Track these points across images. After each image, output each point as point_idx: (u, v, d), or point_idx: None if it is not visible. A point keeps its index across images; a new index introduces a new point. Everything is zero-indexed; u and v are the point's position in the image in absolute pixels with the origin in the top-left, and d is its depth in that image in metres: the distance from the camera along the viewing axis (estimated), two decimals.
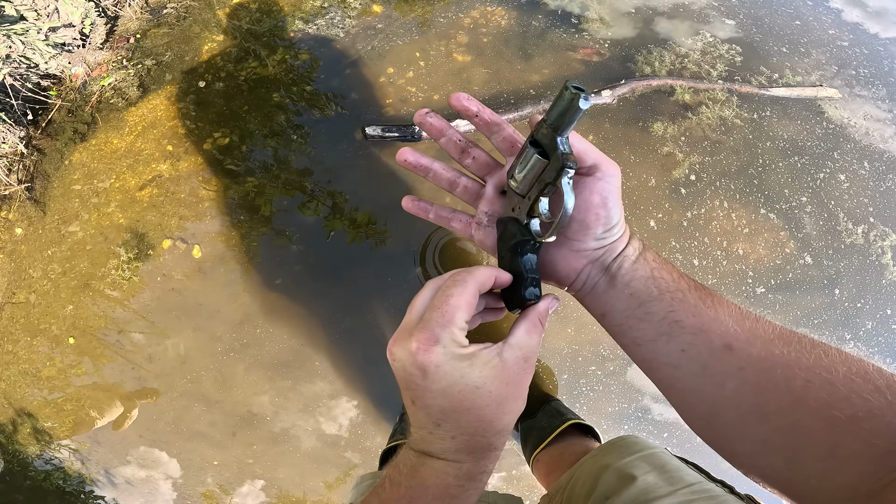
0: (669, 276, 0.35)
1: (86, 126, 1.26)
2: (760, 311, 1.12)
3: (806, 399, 0.28)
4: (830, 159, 1.25)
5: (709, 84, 1.28)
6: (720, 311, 0.33)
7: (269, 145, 1.22)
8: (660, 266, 0.36)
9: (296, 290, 1.12)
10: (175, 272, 1.13)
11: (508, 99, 1.25)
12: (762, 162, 1.24)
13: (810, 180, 1.23)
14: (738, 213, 1.18)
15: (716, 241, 1.16)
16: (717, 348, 0.32)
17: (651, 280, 0.35)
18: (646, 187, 1.19)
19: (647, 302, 0.35)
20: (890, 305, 1.16)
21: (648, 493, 0.51)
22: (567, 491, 0.63)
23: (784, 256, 1.16)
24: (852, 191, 1.23)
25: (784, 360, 0.29)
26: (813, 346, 0.30)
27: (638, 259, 0.37)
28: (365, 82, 1.29)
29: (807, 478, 0.28)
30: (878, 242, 1.18)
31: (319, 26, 1.36)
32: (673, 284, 0.35)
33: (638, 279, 0.36)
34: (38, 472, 1.08)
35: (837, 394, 0.27)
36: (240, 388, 1.08)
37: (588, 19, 1.37)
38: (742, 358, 0.31)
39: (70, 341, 1.10)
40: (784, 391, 0.29)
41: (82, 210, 1.19)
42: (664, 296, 0.35)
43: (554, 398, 1.06)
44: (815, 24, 1.44)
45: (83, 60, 1.30)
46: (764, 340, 0.31)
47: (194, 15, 1.39)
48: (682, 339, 0.33)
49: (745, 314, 0.33)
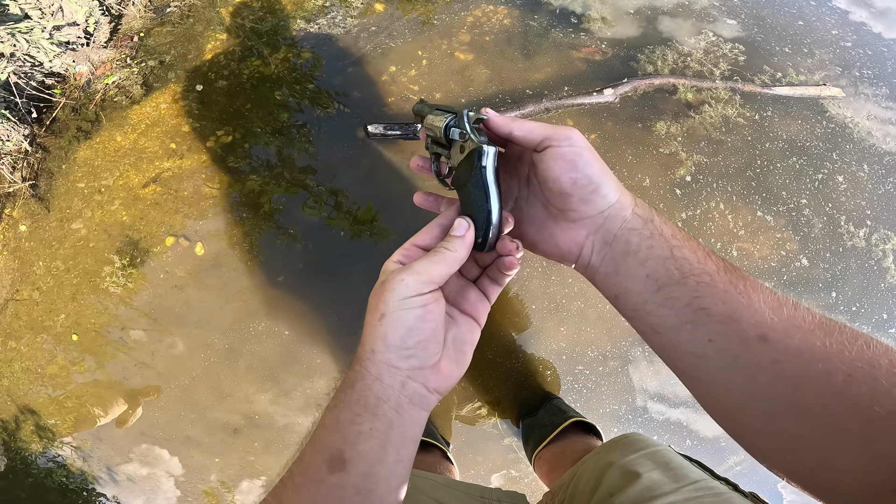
0: (694, 256, 0.32)
1: (90, 124, 1.27)
2: None
3: (847, 394, 0.26)
4: (829, 160, 1.25)
5: (711, 83, 1.28)
6: (754, 298, 0.30)
7: (271, 143, 1.23)
8: (682, 243, 0.33)
9: (298, 287, 1.12)
10: (178, 269, 1.13)
11: (510, 97, 1.25)
12: (762, 162, 1.23)
13: (810, 181, 1.23)
14: (738, 212, 1.18)
15: (721, 240, 1.16)
16: (749, 338, 0.29)
17: (671, 260, 0.32)
18: (640, 186, 1.18)
19: (668, 286, 0.32)
20: (886, 309, 1.14)
21: (653, 490, 0.51)
22: (570, 488, 0.63)
23: (781, 258, 1.16)
24: (850, 192, 1.23)
25: (825, 352, 0.27)
26: (855, 337, 0.28)
27: (652, 234, 0.34)
28: (367, 80, 1.29)
29: (835, 473, 0.27)
30: (880, 245, 1.17)
31: (322, 25, 1.36)
32: (698, 266, 0.32)
33: (655, 258, 0.33)
34: (41, 469, 1.08)
35: (879, 388, 0.25)
36: (241, 385, 1.08)
37: (590, 18, 1.37)
38: (779, 350, 0.28)
39: (73, 338, 1.11)
40: (824, 386, 0.27)
41: (86, 207, 1.19)
42: (688, 279, 0.31)
43: (555, 396, 1.06)
44: (819, 24, 1.44)
45: (87, 59, 1.31)
46: (804, 331, 0.28)
47: (197, 13, 1.39)
48: (710, 329, 0.30)
49: (782, 301, 0.30)
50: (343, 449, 0.33)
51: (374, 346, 0.34)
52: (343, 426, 0.33)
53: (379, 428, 0.33)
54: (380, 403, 0.33)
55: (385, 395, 0.33)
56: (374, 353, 0.34)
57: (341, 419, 0.33)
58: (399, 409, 0.34)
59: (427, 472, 0.68)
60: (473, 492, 0.66)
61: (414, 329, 0.33)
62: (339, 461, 0.32)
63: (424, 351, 0.34)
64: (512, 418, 1.06)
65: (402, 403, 0.34)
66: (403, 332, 0.33)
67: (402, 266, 0.36)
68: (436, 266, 0.35)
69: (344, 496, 0.32)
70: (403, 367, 0.34)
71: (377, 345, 0.34)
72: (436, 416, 1.05)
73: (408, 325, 0.33)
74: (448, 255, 0.36)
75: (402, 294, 0.33)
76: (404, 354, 0.34)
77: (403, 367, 0.34)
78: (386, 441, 0.33)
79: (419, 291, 0.34)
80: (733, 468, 1.02)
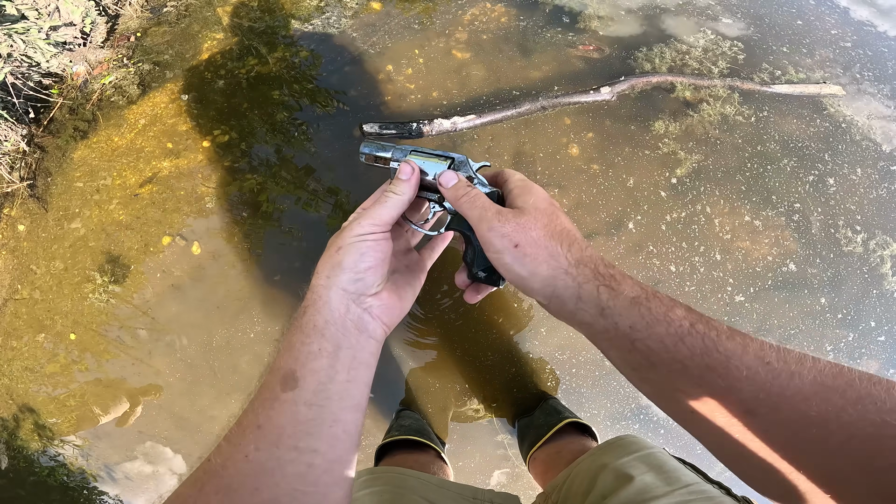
0: (661, 346, 0.31)
1: (87, 124, 1.27)
2: (764, 309, 1.11)
3: (847, 452, 0.25)
4: (822, 161, 1.23)
5: (710, 81, 1.27)
6: (734, 378, 0.29)
7: (268, 142, 1.23)
8: (646, 333, 0.32)
9: (295, 285, 1.12)
10: (174, 268, 1.14)
11: (507, 96, 1.25)
12: (760, 161, 1.22)
13: (804, 182, 1.22)
14: (737, 211, 1.17)
15: (719, 239, 1.15)
16: (734, 413, 0.29)
17: (635, 352, 0.32)
18: (638, 185, 1.18)
19: (639, 370, 0.33)
20: (874, 317, 1.11)
21: (645, 493, 0.51)
22: (564, 490, 0.63)
23: (777, 256, 1.15)
24: (842, 193, 1.22)
25: (819, 419, 0.26)
26: (860, 397, 0.26)
27: (607, 329, 0.33)
28: (364, 79, 1.28)
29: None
30: (877, 251, 1.15)
31: (319, 24, 1.36)
32: (667, 355, 0.31)
33: (617, 348, 0.34)
34: (43, 468, 1.08)
35: (884, 445, 0.25)
36: (243, 383, 1.08)
37: (587, 16, 1.37)
38: (766, 422, 0.28)
39: (72, 337, 1.11)
40: (819, 448, 0.26)
41: (84, 207, 1.20)
42: (658, 368, 0.31)
43: (551, 396, 1.06)
44: (818, 24, 1.43)
45: (84, 59, 1.31)
46: (796, 401, 0.27)
47: (194, 13, 1.39)
48: (690, 406, 0.31)
49: (775, 372, 0.28)
50: (295, 368, 0.35)
51: (328, 273, 0.38)
52: (295, 347, 0.36)
53: (327, 348, 0.36)
54: (328, 325, 0.37)
55: (332, 318, 0.37)
56: (328, 278, 0.38)
57: (294, 342, 0.37)
58: (345, 332, 0.37)
59: (420, 472, 0.68)
60: (466, 493, 0.66)
61: (365, 255, 0.38)
62: (292, 379, 0.35)
63: (372, 277, 0.39)
64: (508, 418, 1.06)
65: (347, 326, 0.37)
66: (356, 258, 0.38)
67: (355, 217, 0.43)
68: (385, 209, 0.41)
69: (297, 411, 0.34)
70: (350, 289, 0.38)
71: (333, 271, 0.38)
72: (431, 415, 1.05)
73: (361, 252, 0.38)
74: (395, 198, 0.41)
75: (356, 232, 0.39)
76: (353, 278, 0.38)
77: (350, 290, 0.38)
78: (335, 360, 0.36)
79: (371, 231, 0.39)
80: (726, 471, 1.01)
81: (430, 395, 1.06)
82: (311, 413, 0.34)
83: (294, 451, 0.33)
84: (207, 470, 0.33)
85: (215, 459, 0.33)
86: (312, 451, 0.34)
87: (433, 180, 0.44)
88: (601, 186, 1.17)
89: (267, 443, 0.33)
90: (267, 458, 0.33)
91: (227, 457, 0.33)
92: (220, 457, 0.33)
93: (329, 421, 0.35)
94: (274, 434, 0.34)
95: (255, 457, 0.33)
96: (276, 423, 0.34)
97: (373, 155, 0.47)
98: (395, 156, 0.46)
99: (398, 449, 0.88)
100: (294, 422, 0.34)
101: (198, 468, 0.34)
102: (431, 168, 0.44)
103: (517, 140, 1.21)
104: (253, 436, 0.34)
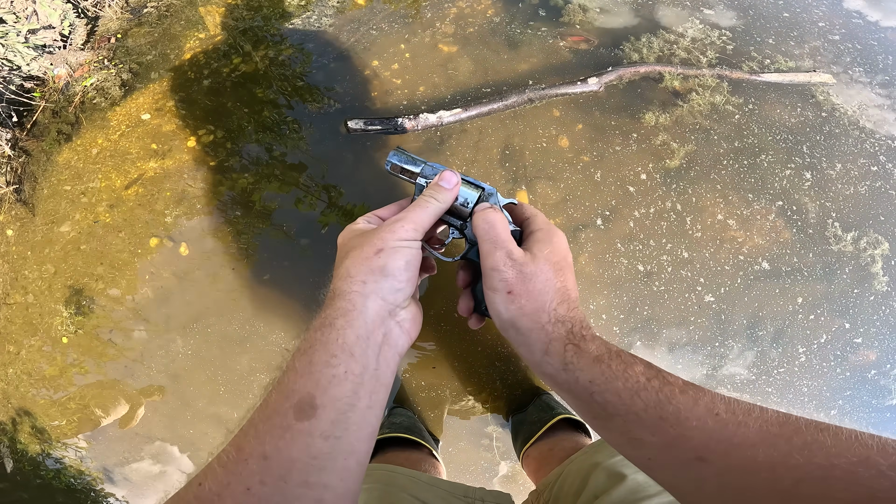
0: (618, 399, 0.33)
1: (70, 127, 1.25)
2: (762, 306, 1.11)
3: (798, 495, 0.27)
4: (799, 154, 1.22)
5: (698, 70, 1.25)
6: (685, 427, 0.31)
7: (253, 141, 1.21)
8: (604, 388, 0.34)
9: (285, 285, 1.11)
10: (163, 270, 1.13)
11: (495, 88, 1.23)
12: (751, 151, 1.22)
13: (787, 174, 1.21)
14: (729, 202, 1.17)
15: (709, 230, 1.15)
16: (688, 460, 0.30)
17: (593, 404, 0.34)
18: (629, 177, 1.17)
19: (601, 418, 0.34)
20: (848, 318, 1.10)
21: (637, 493, 0.51)
22: (556, 488, 0.63)
23: (770, 246, 1.15)
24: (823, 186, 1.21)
25: (769, 463, 0.28)
26: (806, 443, 0.27)
27: (568, 381, 0.35)
28: (349, 75, 1.27)
29: None
30: (868, 250, 1.14)
31: (303, 21, 1.34)
32: (622, 407, 0.33)
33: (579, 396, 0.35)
34: (49, 470, 1.08)
35: (835, 486, 0.26)
36: (242, 380, 1.08)
37: (575, 7, 1.35)
38: (719, 467, 0.29)
39: (63, 340, 1.11)
40: (771, 492, 0.27)
41: (72, 210, 1.19)
42: (615, 419, 0.33)
43: (545, 392, 1.06)
44: (806, 15, 1.41)
45: (65, 61, 1.29)
46: (744, 448, 0.29)
47: (176, 13, 1.37)
48: (648, 452, 0.32)
49: (723, 422, 0.30)
50: (315, 395, 0.32)
51: (365, 278, 0.34)
52: (317, 369, 0.32)
53: (354, 370, 0.33)
54: (358, 342, 0.33)
55: (364, 333, 0.33)
56: (364, 284, 0.34)
57: (315, 361, 0.33)
58: (374, 351, 0.34)
59: (411, 469, 0.68)
60: (457, 491, 0.66)
61: (410, 262, 0.36)
62: (310, 407, 0.31)
63: (410, 288, 0.36)
64: (501, 414, 1.06)
65: (377, 342, 0.34)
66: (402, 264, 0.35)
67: (369, 221, 0.40)
68: (427, 214, 0.39)
69: (311, 444, 0.31)
70: (389, 299, 0.35)
71: (372, 276, 0.34)
72: (425, 412, 1.05)
73: (406, 259, 0.36)
74: (436, 205, 0.39)
75: (401, 235, 0.36)
76: (395, 286, 0.35)
77: (389, 300, 0.35)
78: (359, 386, 0.33)
79: (415, 237, 0.37)
80: None
81: (423, 393, 1.06)
82: (328, 446, 0.31)
83: (304, 486, 0.30)
84: (199, 496, 0.30)
85: (208, 486, 0.30)
86: (323, 486, 0.31)
87: (461, 205, 0.42)
88: (592, 178, 1.16)
89: (273, 477, 0.30)
90: (272, 493, 0.30)
91: (224, 486, 0.30)
92: (215, 484, 0.30)
93: (344, 453, 0.32)
94: (283, 468, 0.30)
95: (259, 491, 0.30)
96: (286, 455, 0.30)
97: (399, 166, 0.44)
98: (424, 171, 0.44)
99: (389, 446, 0.88)
100: (307, 455, 0.31)
101: (185, 490, 0.31)
102: (462, 192, 0.42)
103: (505, 133, 1.20)
104: (258, 467, 0.30)
